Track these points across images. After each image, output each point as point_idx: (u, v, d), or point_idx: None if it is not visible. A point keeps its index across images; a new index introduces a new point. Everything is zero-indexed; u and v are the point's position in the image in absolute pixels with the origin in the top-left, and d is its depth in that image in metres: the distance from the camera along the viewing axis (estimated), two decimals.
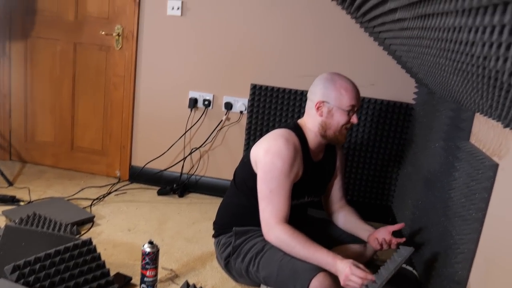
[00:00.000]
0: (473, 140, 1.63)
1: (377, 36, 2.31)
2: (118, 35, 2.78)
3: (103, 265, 1.70)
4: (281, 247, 1.70)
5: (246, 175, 1.89)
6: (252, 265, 1.78)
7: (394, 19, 1.33)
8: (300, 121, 1.92)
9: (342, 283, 1.57)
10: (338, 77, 1.83)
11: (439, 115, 2.04)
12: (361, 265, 1.58)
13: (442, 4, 0.79)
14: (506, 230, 1.24)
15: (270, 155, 1.76)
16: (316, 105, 1.82)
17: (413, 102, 2.64)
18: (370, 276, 1.53)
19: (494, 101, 1.09)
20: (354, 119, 1.82)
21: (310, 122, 1.87)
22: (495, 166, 1.36)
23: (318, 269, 1.61)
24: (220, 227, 1.96)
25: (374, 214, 2.78)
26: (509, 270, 1.19)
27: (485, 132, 1.52)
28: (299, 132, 1.85)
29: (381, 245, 1.83)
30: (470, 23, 0.71)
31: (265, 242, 1.76)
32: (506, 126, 1.18)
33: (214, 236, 2.00)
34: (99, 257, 1.70)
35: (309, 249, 1.64)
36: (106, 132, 2.98)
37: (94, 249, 1.71)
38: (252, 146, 1.88)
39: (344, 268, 1.56)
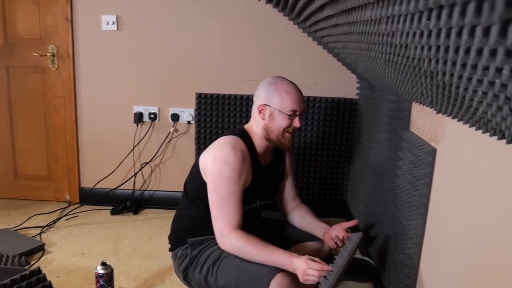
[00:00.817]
0: (412, 128, 1.68)
1: (314, 36, 2.35)
2: (53, 55, 2.69)
3: None
4: (237, 254, 1.69)
5: (196, 185, 1.86)
6: (211, 275, 1.75)
7: (324, 16, 1.35)
8: (246, 126, 1.92)
9: (301, 279, 1.58)
10: (281, 80, 1.83)
11: (381, 108, 2.10)
12: (316, 259, 1.59)
13: None
14: (448, 211, 1.28)
15: (218, 163, 1.74)
16: (258, 108, 1.82)
17: (356, 97, 2.70)
18: (327, 267, 1.55)
19: (423, 89, 1.12)
20: (297, 123, 1.82)
21: (255, 125, 1.87)
22: (434, 151, 1.40)
23: (276, 270, 1.61)
24: (175, 240, 1.93)
25: (331, 210, 2.82)
26: (454, 250, 1.23)
27: (422, 120, 1.57)
28: (245, 138, 1.85)
29: (336, 243, 1.85)
30: (384, 14, 0.73)
31: (222, 250, 1.74)
32: (438, 112, 1.22)
33: (170, 249, 1.96)
34: (50, 285, 1.64)
35: (264, 252, 1.64)
36: (51, 156, 2.88)
37: (44, 278, 1.64)
38: (200, 155, 1.87)
39: (300, 264, 1.57)
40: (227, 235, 1.69)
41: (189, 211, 1.91)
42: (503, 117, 0.76)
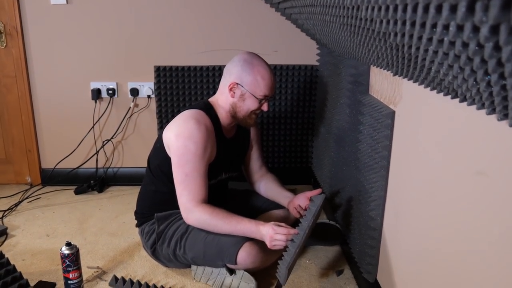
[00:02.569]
0: (372, 92, 1.69)
1: (271, 2, 2.32)
2: (0, 32, 2.56)
3: (19, 277, 1.60)
4: (204, 228, 1.69)
5: (160, 160, 1.84)
6: (179, 248, 1.76)
7: None
8: (211, 99, 1.89)
9: (268, 245, 1.60)
10: (258, 61, 1.78)
11: (341, 73, 2.10)
12: (282, 224, 1.62)
13: None
14: (408, 172, 1.31)
15: (182, 138, 1.72)
16: (229, 85, 1.78)
17: (317, 63, 2.69)
18: (293, 230, 1.58)
19: (378, 51, 1.13)
20: (265, 107, 1.82)
21: (222, 100, 1.83)
22: (392, 113, 1.42)
23: (243, 240, 1.63)
24: (142, 216, 1.92)
25: (297, 178, 2.85)
26: (414, 210, 1.27)
27: (380, 83, 1.58)
28: (210, 111, 1.82)
29: (299, 212, 1.87)
30: None
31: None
32: (395, 74, 1.23)
33: (137, 225, 1.95)
34: (14, 269, 1.60)
35: (231, 223, 1.65)
36: (7, 139, 2.78)
37: (7, 262, 1.61)
38: (163, 130, 1.83)
39: (267, 230, 1.59)
40: (192, 210, 1.69)
41: (154, 186, 1.89)
42: (454, 76, 0.77)
